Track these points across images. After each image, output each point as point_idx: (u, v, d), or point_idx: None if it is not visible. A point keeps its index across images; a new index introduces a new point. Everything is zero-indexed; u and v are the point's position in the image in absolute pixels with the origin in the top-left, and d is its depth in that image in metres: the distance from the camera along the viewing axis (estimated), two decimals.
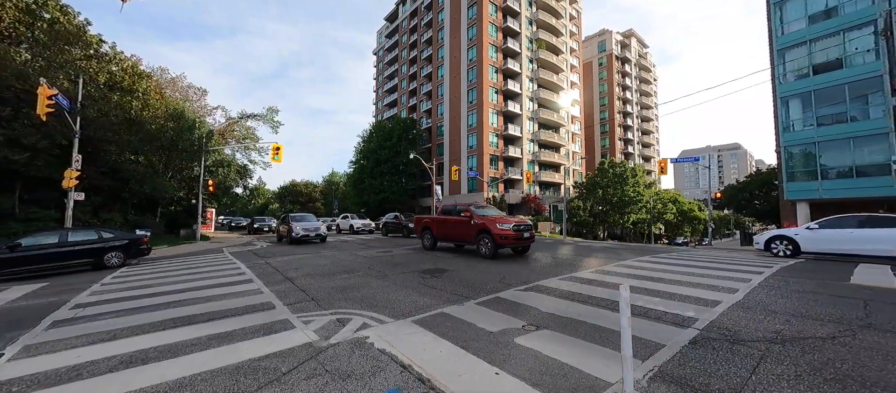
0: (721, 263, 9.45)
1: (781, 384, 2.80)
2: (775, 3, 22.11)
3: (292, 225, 17.38)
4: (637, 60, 79.91)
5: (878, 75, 17.60)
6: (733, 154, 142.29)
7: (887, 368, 3.03)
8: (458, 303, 5.44)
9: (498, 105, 48.56)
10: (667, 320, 4.39)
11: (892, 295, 5.63)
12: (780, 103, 21.61)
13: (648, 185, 49.38)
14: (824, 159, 19.91)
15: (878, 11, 17.55)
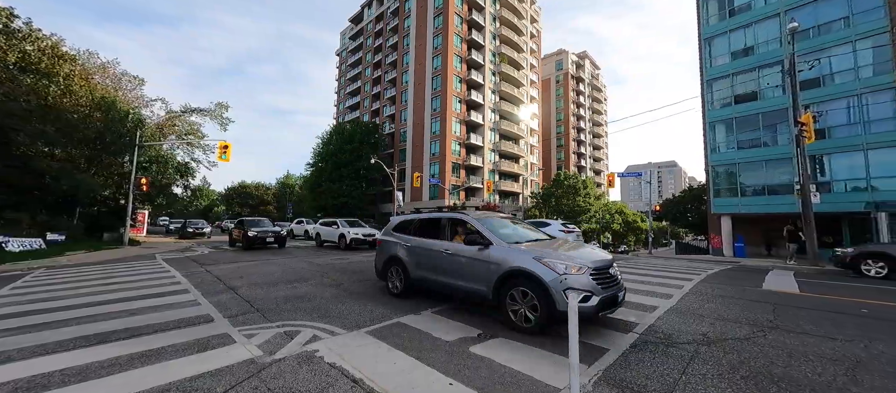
0: (659, 270, 10.28)
1: (706, 383, 3.07)
2: (706, 39, 24.92)
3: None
4: (590, 80, 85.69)
5: (785, 108, 20.42)
6: (670, 171, 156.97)
7: (791, 364, 3.46)
8: (415, 312, 5.35)
9: (461, 114, 49.38)
10: (611, 326, 4.66)
11: (794, 299, 6.48)
12: (708, 127, 24.26)
13: (598, 196, 52.78)
14: (743, 178, 22.61)
15: (784, 53, 20.43)
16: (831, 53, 19.87)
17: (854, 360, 3.58)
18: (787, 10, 21.30)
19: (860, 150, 18.74)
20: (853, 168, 19.00)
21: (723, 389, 2.99)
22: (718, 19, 24.73)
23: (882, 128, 18.26)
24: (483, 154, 50.67)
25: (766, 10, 22.50)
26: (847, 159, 19.18)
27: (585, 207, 44.37)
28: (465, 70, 50.59)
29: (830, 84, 19.87)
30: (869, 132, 18.56)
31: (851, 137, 19.02)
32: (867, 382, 3.11)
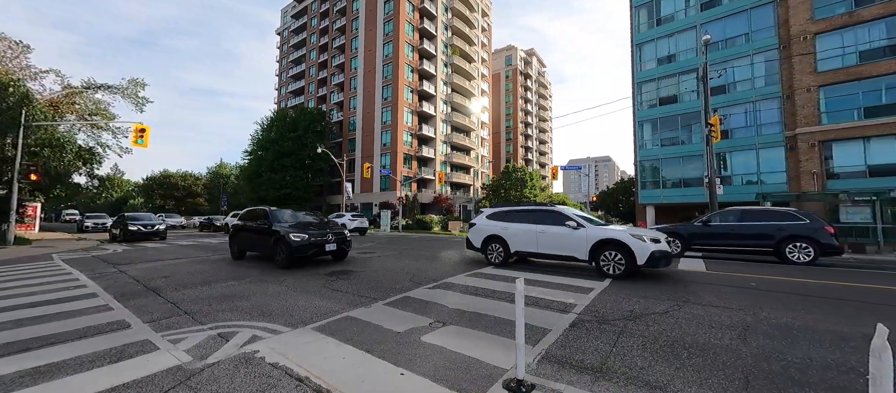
0: None
1: (632, 353, 3.43)
2: (637, 44, 27.33)
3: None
4: (537, 77, 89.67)
5: (698, 111, 23.26)
6: (606, 165, 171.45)
7: (698, 332, 4.00)
8: (365, 305, 5.23)
9: (413, 104, 48.80)
10: (553, 308, 4.99)
11: (703, 277, 7.50)
12: (637, 126, 26.81)
13: (543, 188, 55.92)
14: (664, 173, 25.46)
15: (699, 62, 23.14)
16: (735, 65, 22.98)
17: (744, 325, 4.24)
18: (701, 23, 24.12)
19: (753, 150, 22.08)
20: (747, 164, 22.35)
21: (646, 357, 3.36)
22: (647, 27, 27.23)
23: (769, 131, 21.66)
24: (435, 145, 50.75)
25: (685, 22, 25.25)
26: (743, 157, 22.50)
27: (531, 198, 46.78)
28: (416, 59, 49.93)
29: (733, 91, 23.02)
30: (760, 135, 21.91)
31: (747, 139, 22.31)
32: (753, 342, 3.71)
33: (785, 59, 20.99)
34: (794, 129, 20.17)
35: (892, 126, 17.79)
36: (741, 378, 2.94)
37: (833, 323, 4.35)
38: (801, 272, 8.19)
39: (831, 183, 18.99)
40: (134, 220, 18.46)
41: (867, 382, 2.66)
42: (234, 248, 10.48)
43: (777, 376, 2.96)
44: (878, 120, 18.16)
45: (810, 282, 6.97)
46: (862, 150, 18.64)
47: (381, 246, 14.87)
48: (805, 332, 4.03)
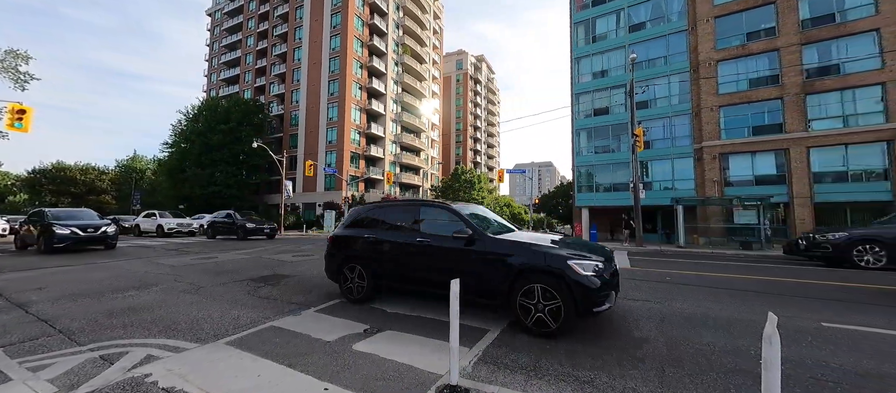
0: None
1: (565, 349, 3.52)
2: (575, 58, 29.42)
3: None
4: (486, 83, 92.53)
5: (626, 122, 25.66)
6: (548, 170, 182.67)
7: (622, 326, 4.25)
8: (294, 313, 4.77)
9: (362, 102, 47.33)
10: (491, 308, 5.00)
11: (628, 273, 8.16)
12: (575, 134, 28.82)
13: (491, 190, 57.73)
14: (598, 178, 27.68)
15: (627, 78, 25.55)
16: (656, 83, 25.76)
17: (661, 316, 4.63)
18: (630, 44, 26.70)
19: (669, 159, 24.93)
20: (665, 172, 25.17)
21: (576, 350, 3.46)
22: (585, 43, 29.45)
23: (682, 143, 24.62)
24: (384, 145, 49.74)
25: (616, 41, 27.76)
26: (661, 165, 25.30)
27: (480, 200, 48.01)
28: (366, 55, 48.54)
29: (654, 106, 25.80)
30: (675, 146, 24.82)
31: (664, 149, 25.13)
32: (667, 331, 4.04)
33: (694, 81, 24.12)
34: (701, 142, 23.25)
35: (771, 143, 21.31)
36: (658, 367, 3.14)
37: (734, 311, 4.94)
38: (724, 267, 9.33)
39: (728, 190, 22.19)
40: (63, 220, 12.24)
41: (759, 364, 2.98)
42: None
43: (685, 362, 3.22)
44: (761, 137, 21.64)
45: (715, 275, 7.95)
46: (750, 162, 22.07)
47: (322, 248, 14.02)
48: (711, 320, 4.51)
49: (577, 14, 29.95)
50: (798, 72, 20.95)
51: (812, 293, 6.15)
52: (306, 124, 47.35)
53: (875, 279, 7.44)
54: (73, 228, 11.77)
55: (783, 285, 6.88)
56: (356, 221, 5.65)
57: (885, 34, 19.00)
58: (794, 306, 5.22)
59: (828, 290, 6.44)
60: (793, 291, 6.31)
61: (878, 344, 3.69)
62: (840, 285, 6.84)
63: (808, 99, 20.70)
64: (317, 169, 39.78)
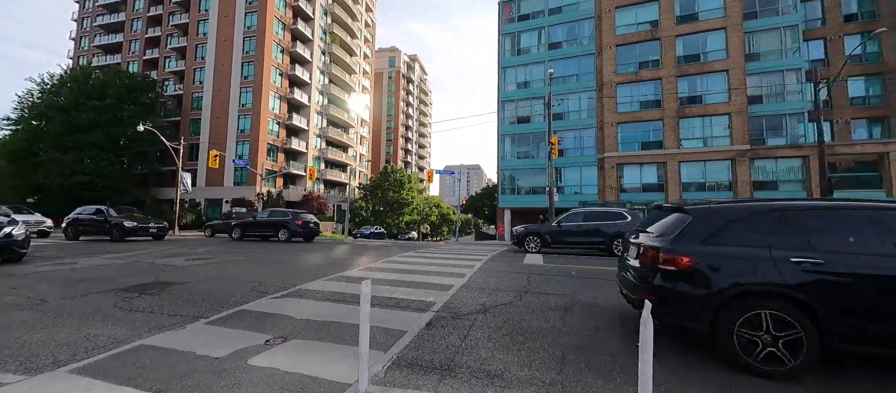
0: (460, 254, 12.02)
1: (479, 345, 3.59)
2: (502, 68, 31.18)
3: None
4: (419, 83, 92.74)
5: (544, 132, 28.06)
6: (476, 172, 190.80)
7: (533, 318, 4.54)
8: (176, 327, 4.03)
9: (282, 90, 43.39)
10: (413, 308, 4.91)
11: (541, 269, 8.84)
12: (500, 139, 30.54)
13: (420, 190, 57.95)
14: (520, 181, 29.74)
15: (545, 91, 27.94)
16: (569, 97, 28.67)
17: (565, 308, 5.07)
18: (549, 60, 29.27)
19: (578, 167, 27.96)
20: (574, 178, 28.16)
21: (490, 347, 3.55)
22: (511, 54, 31.40)
23: (588, 153, 27.82)
24: (307, 138, 46.34)
25: (537, 56, 30.18)
26: (572, 172, 28.25)
27: (409, 200, 47.81)
28: (288, 40, 44.65)
29: (568, 119, 28.69)
30: (583, 155, 27.92)
31: (575, 158, 28.12)
32: (570, 322, 4.43)
33: (599, 99, 27.53)
34: (603, 153, 26.63)
35: (654, 157, 25.41)
36: (559, 355, 3.39)
37: (620, 299, 5.64)
38: (611, 261, 10.63)
39: (623, 195, 25.81)
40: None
41: (636, 346, 3.37)
42: None
43: (583, 349, 3.55)
44: (647, 151, 25.67)
45: (609, 268, 9.07)
46: (639, 172, 26.01)
47: (225, 249, 12.35)
48: (605, 309, 5.08)
49: (504, 26, 31.80)
50: (674, 99, 25.36)
51: None
52: (213, 109, 41.55)
53: None
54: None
55: None
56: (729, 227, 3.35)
57: (732, 75, 24.13)
58: None
59: None
60: None
61: None
62: None
63: (681, 122, 25.20)
64: (225, 160, 35.19)
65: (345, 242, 19.13)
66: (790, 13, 24.30)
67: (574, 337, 3.88)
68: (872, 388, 2.85)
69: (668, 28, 25.98)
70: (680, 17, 25.91)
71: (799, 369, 2.86)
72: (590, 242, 12.60)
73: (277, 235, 16.77)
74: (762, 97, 24.60)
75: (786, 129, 24.09)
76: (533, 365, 3.16)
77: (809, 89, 21.10)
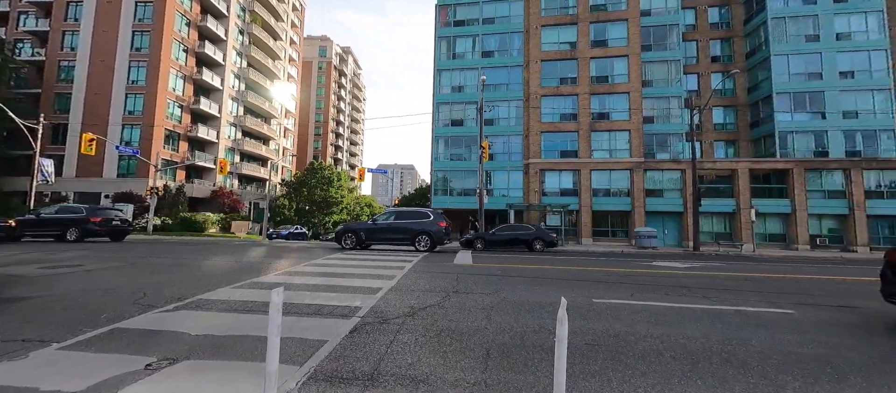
0: (390, 255, 11.74)
1: (405, 350, 3.48)
2: (438, 70, 31.53)
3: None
4: (352, 77, 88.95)
5: (476, 135, 29.13)
6: (410, 172, 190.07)
7: (459, 318, 4.59)
8: (17, 355, 3.12)
9: (188, 69, 37.78)
10: (337, 314, 4.59)
11: (470, 269, 9.08)
12: (434, 140, 30.82)
13: (351, 189, 55.56)
14: (452, 183, 30.37)
15: (478, 97, 29.04)
16: (500, 105, 30.20)
17: (490, 306, 5.24)
18: (482, 67, 30.47)
19: (506, 171, 29.62)
20: (502, 181, 29.76)
21: (416, 351, 3.46)
22: (447, 58, 31.92)
23: (516, 158, 29.64)
24: (219, 127, 41.05)
25: (472, 62, 31.22)
26: (501, 176, 29.82)
27: (338, 199, 45.43)
28: (197, 12, 39.07)
29: (498, 125, 30.19)
30: (510, 160, 29.66)
31: (503, 162, 29.72)
32: (495, 319, 4.58)
33: (526, 109, 29.59)
34: (528, 159, 28.67)
35: (571, 165, 28.19)
36: (484, 353, 3.45)
37: (543, 295, 6.04)
38: (532, 261, 11.39)
39: (544, 199, 28.10)
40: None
41: (553, 338, 3.59)
42: None
43: (507, 346, 3.67)
44: (565, 159, 28.37)
45: (532, 267, 9.74)
46: (558, 178, 28.60)
47: (100, 255, 10.17)
48: (526, 305, 5.37)
49: (441, 29, 32.23)
50: (588, 114, 28.48)
51: (590, 278, 8.25)
52: (90, 84, 34.16)
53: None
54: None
55: (568, 272, 9.02)
56: None
57: (632, 97, 27.99)
58: (577, 289, 6.84)
59: (600, 275, 8.79)
60: (577, 276, 8.32)
61: (621, 312, 5.16)
62: (607, 271, 9.46)
63: (592, 135, 28.39)
64: (105, 147, 29.16)
65: (261, 245, 17.32)
66: (675, 49, 29.17)
67: (499, 335, 4.00)
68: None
69: (585, 50, 29.13)
70: (594, 42, 29.24)
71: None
72: (400, 237, 13.99)
73: (66, 234, 14.50)
74: (654, 118, 29.07)
75: (670, 146, 28.82)
76: (459, 366, 3.16)
77: (686, 114, 25.65)
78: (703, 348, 3.73)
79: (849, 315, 5.24)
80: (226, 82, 41.66)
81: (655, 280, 7.98)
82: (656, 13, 29.79)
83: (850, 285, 8.07)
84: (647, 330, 4.29)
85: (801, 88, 27.42)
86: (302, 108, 65.21)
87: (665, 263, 12.13)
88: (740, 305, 5.66)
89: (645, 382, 2.97)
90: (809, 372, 3.22)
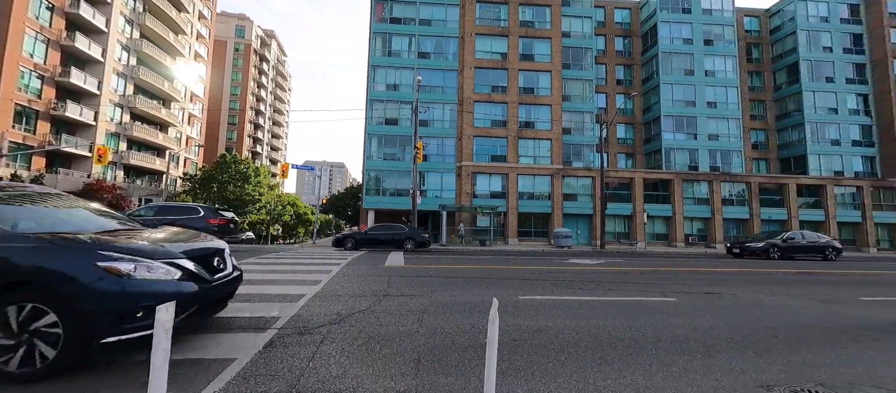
0: (317, 258, 10.93)
1: (329, 361, 3.19)
2: (372, 65, 30.59)
3: None
4: (276, 64, 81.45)
5: (411, 135, 28.94)
6: (340, 170, 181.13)
7: (390, 322, 4.41)
8: None
9: (54, 31, 30.64)
10: (249, 327, 4.04)
11: (402, 271, 8.89)
12: (367, 138, 29.80)
13: (272, 186, 50.69)
14: (385, 183, 29.68)
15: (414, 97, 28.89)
16: (434, 107, 30.46)
17: (422, 308, 5.16)
18: (418, 67, 30.42)
19: (439, 172, 30.00)
20: (436, 183, 30.05)
21: (343, 362, 3.20)
22: (382, 54, 31.14)
23: (449, 161, 30.20)
24: (98, 106, 33.97)
25: (408, 62, 30.97)
26: (434, 177, 30.08)
27: (256, 197, 41.01)
28: None
29: (432, 127, 30.42)
30: (444, 162, 30.13)
31: (437, 163, 30.05)
32: (427, 321, 4.51)
33: (460, 112, 30.38)
34: (461, 162, 29.46)
35: (500, 169, 29.75)
36: (416, 358, 3.35)
37: (472, 296, 6.15)
38: (468, 260, 11.61)
39: (475, 200, 29.15)
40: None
41: (482, 338, 3.64)
42: None
43: (438, 348, 3.62)
44: (495, 163, 29.84)
45: (463, 267, 9.94)
46: (488, 181, 29.94)
47: None
48: (458, 305, 5.41)
49: (376, 24, 31.31)
50: (516, 122, 30.39)
51: (516, 276, 8.72)
52: None
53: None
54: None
55: (498, 271, 9.45)
56: None
57: (553, 109, 30.67)
58: (505, 287, 7.16)
59: (525, 273, 9.34)
60: (505, 275, 8.73)
61: (543, 307, 5.52)
62: (531, 269, 10.10)
63: (520, 142, 30.37)
64: None
65: None
66: (589, 70, 32.84)
67: (430, 338, 3.93)
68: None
69: (514, 62, 31.05)
70: (522, 55, 31.36)
71: None
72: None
73: None
74: (571, 130, 32.28)
75: (583, 156, 32.30)
76: (388, 374, 3.00)
77: (597, 128, 29.06)
78: (610, 337, 4.15)
79: (714, 300, 6.38)
80: (109, 54, 34.60)
81: (571, 276, 8.77)
82: (575, 36, 33.19)
83: (711, 275, 9.90)
84: (565, 323, 4.63)
85: (680, 113, 33.12)
86: (213, 92, 57.42)
87: (579, 260, 13.48)
88: (637, 296, 6.51)
89: (564, 371, 3.18)
90: (688, 350, 3.79)
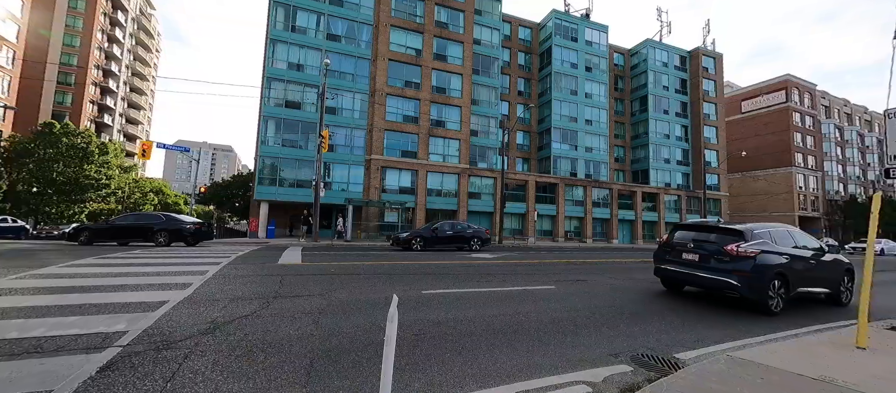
0: (186, 257, 9.20)
1: (197, 380, 2.69)
2: (271, 39, 27.20)
3: None
4: (138, 16, 65.66)
5: (315, 123, 26.71)
6: (227, 155, 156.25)
7: (280, 327, 3.97)
8: None
9: None
10: (75, 348, 3.12)
11: (298, 269, 8.12)
12: (262, 120, 26.42)
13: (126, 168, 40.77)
14: (283, 172, 26.78)
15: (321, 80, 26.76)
16: (344, 95, 28.75)
17: (320, 309, 4.80)
18: (326, 49, 28.24)
19: (347, 164, 28.50)
20: (342, 175, 28.47)
21: (215, 378, 2.74)
22: (284, 28, 27.93)
23: (357, 153, 28.91)
24: None
25: (314, 41, 28.48)
26: (341, 169, 28.44)
27: (101, 180, 32.38)
28: None
29: (340, 115, 28.67)
30: (352, 154, 28.73)
31: (344, 155, 28.47)
32: (324, 322, 4.21)
33: (371, 104, 29.33)
34: (370, 155, 28.52)
35: (410, 164, 29.84)
36: (308, 363, 3.08)
37: (375, 293, 5.99)
38: (369, 257, 11.19)
39: (384, 195, 28.58)
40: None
41: (381, 336, 3.57)
42: None
43: (335, 351, 3.40)
44: (406, 159, 29.79)
45: (368, 264, 9.61)
46: (398, 176, 29.71)
47: None
48: (356, 304, 5.19)
49: None
50: (428, 119, 30.84)
51: (421, 271, 8.84)
52: None
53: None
54: None
55: (403, 267, 9.47)
56: None
57: (463, 111, 32.15)
58: (410, 282, 7.20)
59: (430, 268, 9.54)
60: (411, 270, 8.79)
61: (445, 300, 5.72)
62: (436, 264, 10.37)
63: (431, 139, 30.95)
64: None
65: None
66: (495, 78, 35.45)
67: (326, 340, 3.68)
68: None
69: (428, 60, 31.42)
70: (436, 54, 31.94)
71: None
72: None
73: None
74: (477, 132, 34.37)
75: (487, 158, 34.78)
76: (273, 384, 2.68)
77: (500, 133, 31.60)
78: (501, 323, 4.55)
79: (581, 286, 7.58)
80: None
81: (472, 270, 9.34)
82: (484, 44, 35.38)
83: (581, 266, 11.78)
84: (464, 314, 4.89)
85: (566, 127, 38.47)
86: (32, 40, 42.96)
87: (479, 254, 14.47)
88: (525, 285, 7.30)
89: (461, 359, 3.34)
90: (562, 329, 4.41)
